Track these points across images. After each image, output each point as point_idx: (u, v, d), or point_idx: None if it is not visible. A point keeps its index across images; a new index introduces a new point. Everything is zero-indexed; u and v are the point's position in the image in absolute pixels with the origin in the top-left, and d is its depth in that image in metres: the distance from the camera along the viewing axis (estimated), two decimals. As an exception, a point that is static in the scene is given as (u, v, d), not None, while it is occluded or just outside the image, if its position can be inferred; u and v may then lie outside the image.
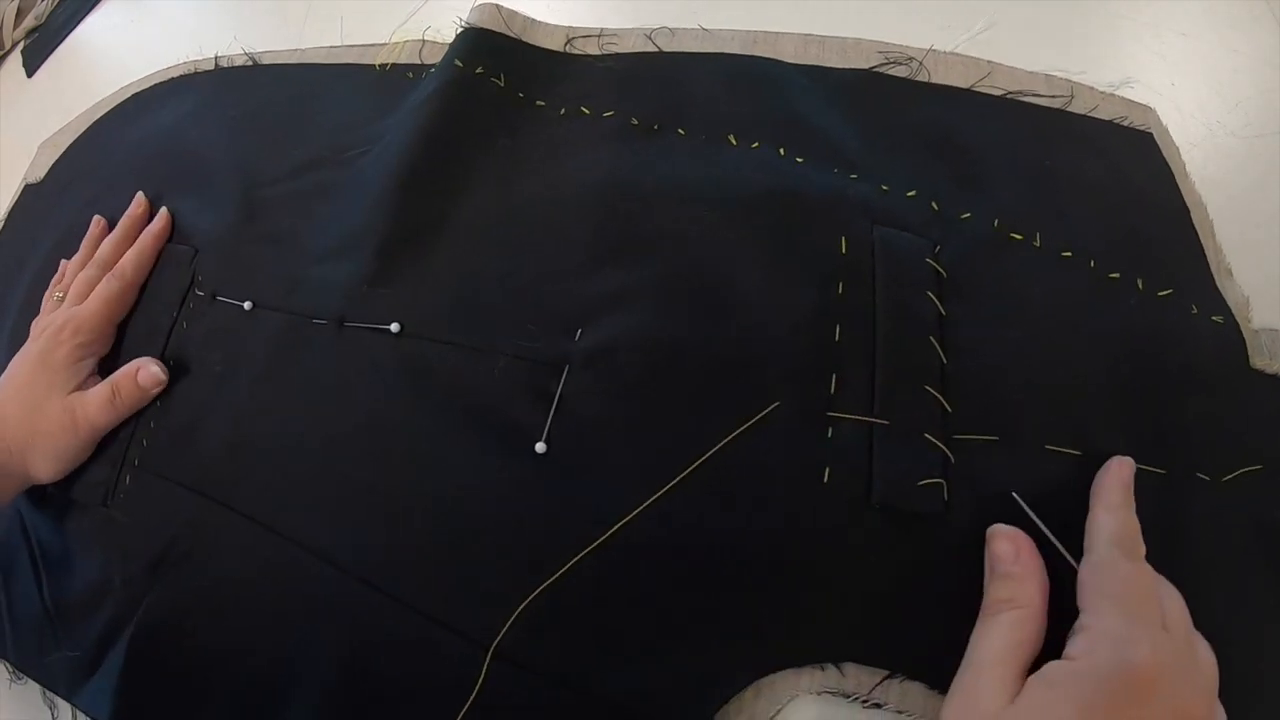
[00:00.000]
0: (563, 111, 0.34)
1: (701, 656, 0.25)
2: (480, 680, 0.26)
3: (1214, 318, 0.28)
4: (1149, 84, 0.32)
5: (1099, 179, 0.30)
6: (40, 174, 0.50)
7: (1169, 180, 0.31)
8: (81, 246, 0.42)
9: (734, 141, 0.31)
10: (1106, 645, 0.21)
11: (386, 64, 0.40)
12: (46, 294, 0.41)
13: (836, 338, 0.27)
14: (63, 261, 0.42)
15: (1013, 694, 0.22)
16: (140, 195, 0.42)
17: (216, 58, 0.46)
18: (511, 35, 0.36)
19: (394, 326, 0.31)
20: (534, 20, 0.37)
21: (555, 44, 0.37)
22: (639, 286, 0.28)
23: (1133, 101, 0.32)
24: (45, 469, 0.36)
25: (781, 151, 0.30)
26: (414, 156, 0.33)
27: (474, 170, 0.33)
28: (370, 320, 0.31)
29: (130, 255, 0.39)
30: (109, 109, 0.49)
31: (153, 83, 0.48)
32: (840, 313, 0.27)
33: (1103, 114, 0.32)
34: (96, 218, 0.42)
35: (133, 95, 0.49)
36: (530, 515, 0.27)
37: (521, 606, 0.25)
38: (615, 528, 0.25)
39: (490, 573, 0.27)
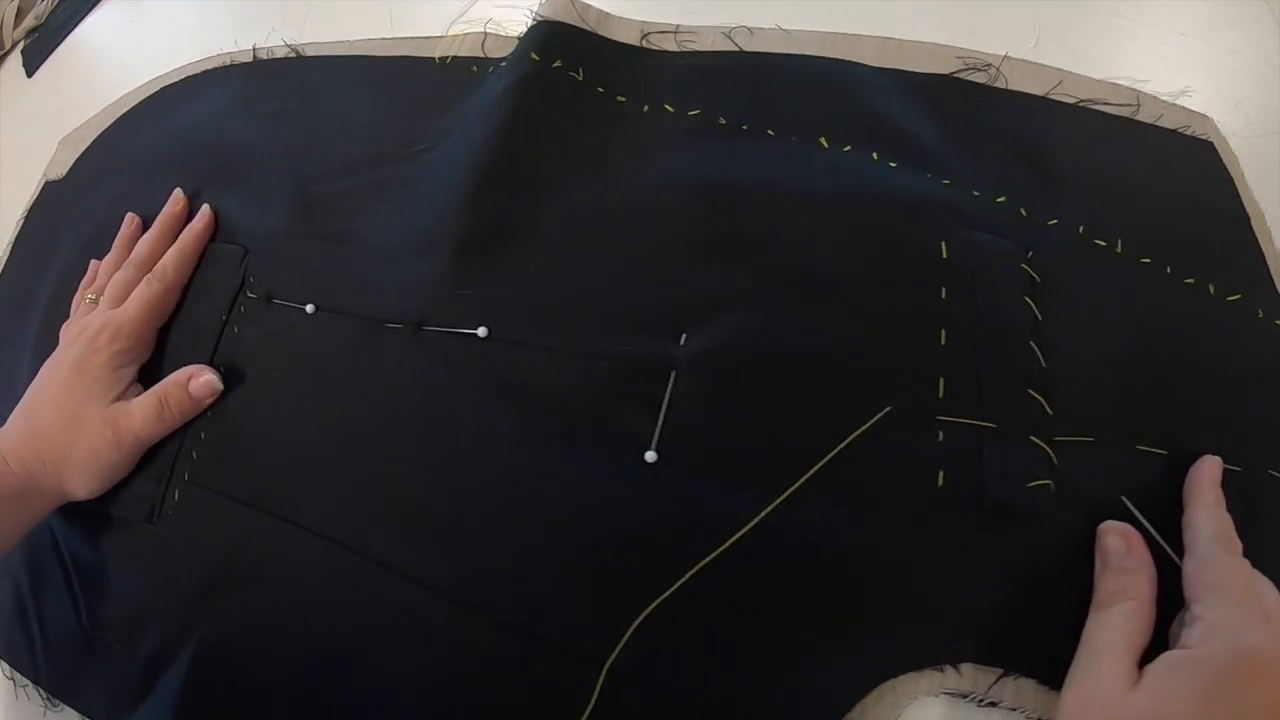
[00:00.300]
0: (645, 109, 0.33)
1: (824, 663, 0.25)
2: (595, 698, 0.25)
3: (1278, 321, 0.29)
4: (1148, 84, 0.33)
5: (1168, 187, 0.31)
6: (62, 171, 0.47)
7: (1230, 188, 0.32)
8: (115, 246, 0.39)
9: (825, 144, 0.30)
10: (1221, 634, 0.22)
11: (447, 57, 0.38)
12: (76, 296, 0.38)
13: (943, 342, 0.27)
14: (93, 262, 0.39)
15: (1131, 681, 0.22)
16: (179, 192, 0.39)
17: (255, 49, 0.44)
18: (586, 28, 0.35)
19: (481, 331, 0.29)
20: (607, 14, 0.36)
21: (631, 38, 0.36)
22: (744, 289, 0.28)
23: (1192, 111, 0.33)
24: (83, 485, 0.33)
25: (875, 155, 0.30)
26: (493, 152, 0.32)
27: (558, 168, 0.32)
28: (453, 324, 0.30)
29: (171, 255, 0.36)
30: (136, 102, 0.46)
31: (183, 75, 0.45)
32: (945, 317, 0.27)
33: (1166, 123, 0.33)
34: (130, 215, 0.40)
35: (161, 88, 0.46)
36: (641, 526, 0.26)
37: (640, 619, 0.25)
38: (736, 536, 0.25)
39: (598, 587, 0.26)
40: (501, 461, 0.28)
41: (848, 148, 0.30)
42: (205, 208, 0.38)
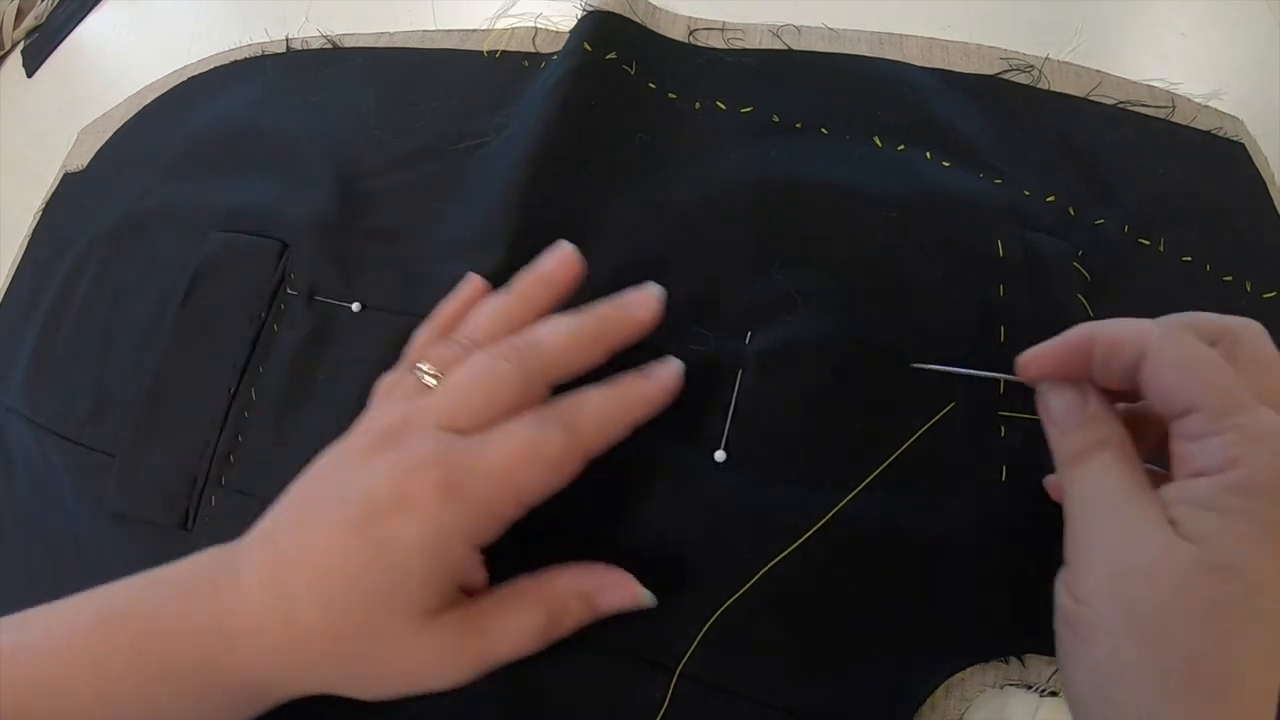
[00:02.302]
0: (697, 106, 0.33)
1: (894, 660, 0.25)
2: (665, 705, 0.25)
3: None
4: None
5: (1204, 187, 0.32)
6: (82, 162, 0.46)
7: (1262, 188, 0.33)
8: (443, 314, 0.26)
9: (879, 143, 0.31)
10: (1256, 441, 0.17)
11: (496, 51, 0.37)
12: (387, 386, 0.26)
13: (1001, 339, 0.27)
14: (419, 338, 0.27)
15: (1168, 528, 0.17)
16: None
17: (288, 39, 0.43)
18: (636, 20, 0.35)
19: None
20: (655, 6, 0.36)
21: (678, 34, 0.35)
22: (808, 287, 0.28)
23: (1224, 113, 0.34)
24: (362, 694, 0.22)
25: (928, 154, 0.30)
26: (546, 147, 0.32)
27: (613, 164, 0.32)
28: None
29: (608, 408, 0.23)
30: (161, 93, 0.45)
31: (212, 66, 0.44)
32: (1003, 315, 0.28)
33: (1200, 124, 0.33)
34: (475, 279, 0.28)
35: (189, 79, 0.45)
36: (710, 527, 0.26)
37: (711, 621, 0.25)
38: (807, 534, 0.25)
39: (668, 590, 0.25)
40: None
41: (901, 146, 0.31)
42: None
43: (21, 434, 0.39)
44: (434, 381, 0.23)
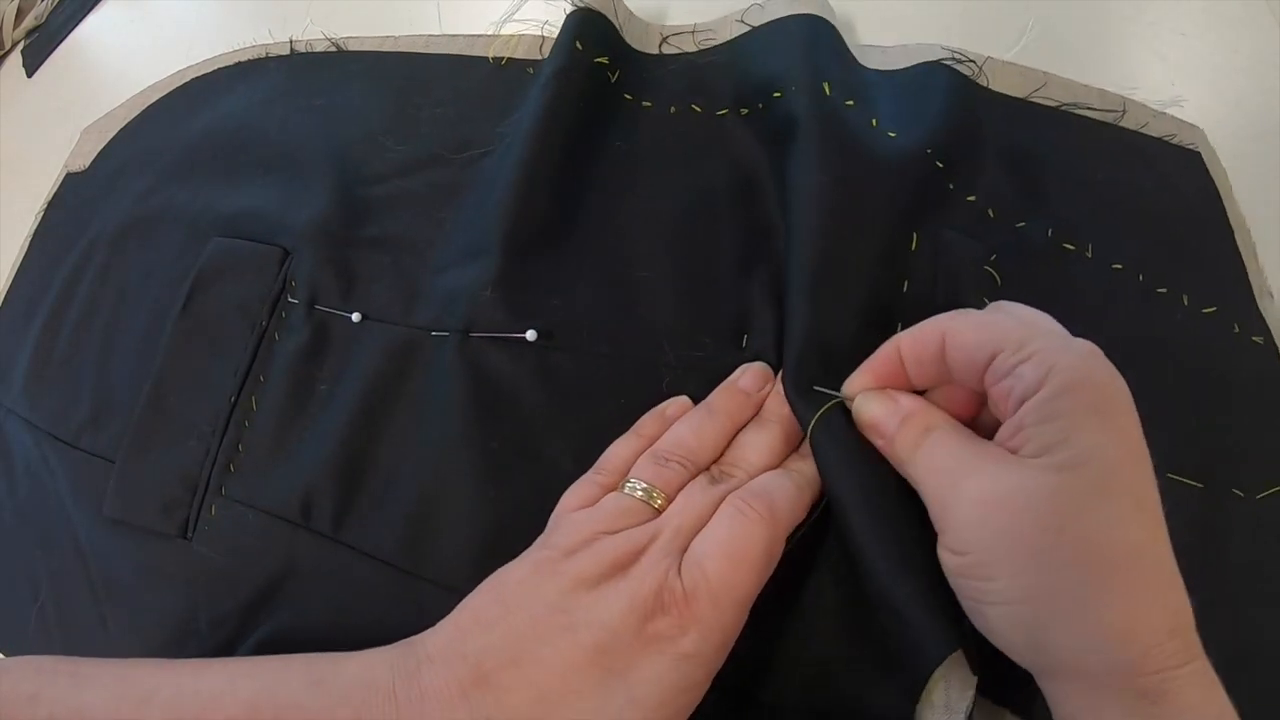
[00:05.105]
0: (673, 110, 0.33)
1: (891, 660, 0.24)
2: None
3: (1254, 338, 0.30)
4: (1149, 85, 0.34)
5: (1149, 195, 0.32)
6: (85, 162, 0.46)
7: (1215, 199, 0.32)
8: (646, 429, 0.26)
9: (828, 90, 0.30)
10: (1062, 353, 0.19)
11: (502, 58, 0.37)
12: (580, 498, 0.25)
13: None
14: (619, 451, 0.26)
15: (1012, 458, 0.20)
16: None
17: (291, 41, 0.43)
18: (616, 25, 0.35)
19: (530, 334, 0.29)
20: (631, 14, 0.36)
21: (650, 47, 0.36)
22: (794, 285, 0.27)
23: (1181, 120, 0.33)
24: None
25: (874, 122, 0.29)
26: (535, 151, 0.31)
27: (600, 173, 0.32)
28: (500, 329, 0.29)
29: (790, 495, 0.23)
30: (164, 93, 0.45)
31: (215, 66, 0.44)
32: (902, 309, 0.27)
33: (1153, 131, 0.33)
34: (685, 400, 0.27)
35: (192, 79, 0.44)
36: None
37: None
38: (802, 531, 0.25)
39: None
40: (559, 472, 0.27)
41: (850, 102, 0.30)
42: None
43: (21, 436, 0.39)
44: (658, 501, 0.24)
